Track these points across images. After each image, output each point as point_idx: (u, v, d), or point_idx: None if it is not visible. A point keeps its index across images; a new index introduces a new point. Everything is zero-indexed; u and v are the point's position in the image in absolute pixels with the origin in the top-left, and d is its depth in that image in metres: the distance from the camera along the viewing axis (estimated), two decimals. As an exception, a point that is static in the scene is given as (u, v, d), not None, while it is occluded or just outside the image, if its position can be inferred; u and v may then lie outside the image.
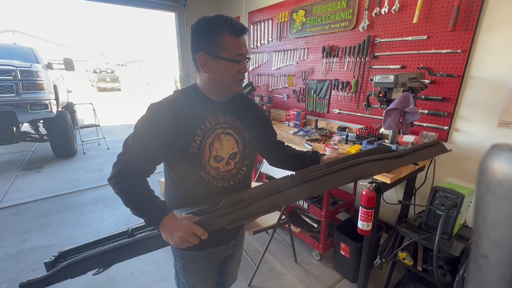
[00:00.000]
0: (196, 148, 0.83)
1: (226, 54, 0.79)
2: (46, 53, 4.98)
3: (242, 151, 0.92)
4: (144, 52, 21.94)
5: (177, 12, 3.62)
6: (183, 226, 0.72)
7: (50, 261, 0.77)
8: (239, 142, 0.91)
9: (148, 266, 1.93)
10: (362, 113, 2.17)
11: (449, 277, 1.28)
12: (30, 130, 4.39)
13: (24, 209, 2.73)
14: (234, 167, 0.91)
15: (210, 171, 0.86)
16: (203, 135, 0.84)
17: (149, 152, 0.80)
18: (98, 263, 0.76)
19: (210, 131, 0.85)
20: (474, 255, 0.19)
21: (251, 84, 2.93)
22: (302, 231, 2.09)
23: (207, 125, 0.85)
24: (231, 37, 0.79)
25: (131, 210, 0.77)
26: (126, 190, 0.78)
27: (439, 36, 1.62)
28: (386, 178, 1.36)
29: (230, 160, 0.90)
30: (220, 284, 1.22)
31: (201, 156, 0.84)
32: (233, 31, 0.78)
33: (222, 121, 0.88)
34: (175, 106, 0.83)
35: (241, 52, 0.81)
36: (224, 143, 0.88)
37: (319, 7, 2.33)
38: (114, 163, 0.79)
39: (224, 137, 0.88)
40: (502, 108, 1.43)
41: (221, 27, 0.78)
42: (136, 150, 0.79)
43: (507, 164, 0.17)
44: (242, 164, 0.93)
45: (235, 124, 0.91)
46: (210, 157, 0.86)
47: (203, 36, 0.80)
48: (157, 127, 0.79)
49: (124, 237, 0.83)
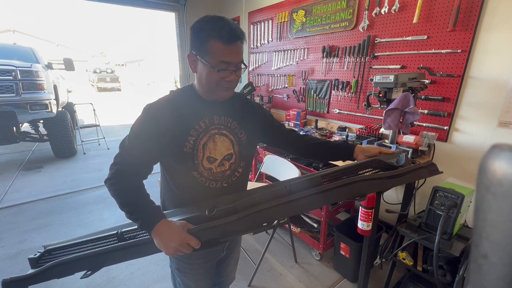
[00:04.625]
0: (190, 148, 0.83)
1: (210, 59, 0.77)
2: (46, 53, 4.98)
3: (239, 152, 0.92)
4: (144, 52, 21.98)
5: (177, 12, 3.62)
6: (176, 236, 0.71)
7: (34, 257, 0.75)
8: (234, 143, 0.91)
9: (148, 266, 1.93)
10: (362, 113, 2.17)
11: (449, 277, 1.28)
12: (30, 130, 4.39)
13: (24, 209, 2.73)
14: (228, 168, 0.90)
15: (202, 172, 0.86)
16: (197, 135, 0.84)
17: (146, 152, 0.80)
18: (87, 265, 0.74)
19: (205, 131, 0.85)
20: (474, 255, 0.19)
21: (251, 84, 2.93)
22: (302, 231, 2.09)
23: (202, 125, 0.84)
24: (217, 42, 0.75)
25: (125, 214, 0.76)
26: (121, 192, 0.77)
27: (439, 36, 1.62)
28: (386, 178, 1.36)
29: (224, 161, 0.89)
30: (218, 285, 1.22)
31: (194, 157, 0.84)
32: (220, 37, 0.74)
33: (217, 122, 0.87)
34: (171, 106, 0.82)
35: (227, 60, 0.77)
36: (218, 144, 0.87)
37: (319, 7, 2.33)
38: (111, 164, 0.79)
39: (218, 138, 0.87)
40: (502, 108, 1.43)
41: (209, 30, 0.75)
42: (132, 151, 0.78)
43: (507, 164, 0.17)
44: (238, 166, 0.93)
45: (231, 125, 0.90)
46: (203, 157, 0.85)
47: (194, 36, 0.78)
48: (153, 127, 0.79)
49: (113, 239, 0.80)
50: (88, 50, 34.63)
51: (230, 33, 0.75)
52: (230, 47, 0.76)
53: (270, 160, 2.04)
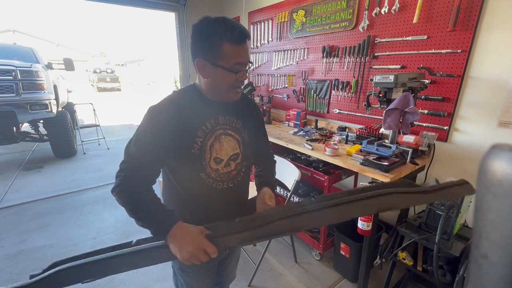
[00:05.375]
0: (198, 149, 0.82)
1: (225, 63, 0.76)
2: (46, 53, 4.98)
3: (243, 152, 0.91)
4: (144, 52, 21.96)
5: (177, 12, 3.62)
6: (194, 239, 0.66)
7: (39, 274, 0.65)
8: (240, 143, 0.90)
9: (148, 266, 1.93)
10: (362, 113, 2.17)
11: (449, 277, 1.28)
12: (30, 130, 4.39)
13: (24, 209, 2.73)
14: (234, 169, 0.90)
15: (210, 173, 0.85)
16: (204, 136, 0.83)
17: (152, 153, 0.78)
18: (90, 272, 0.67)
19: (211, 132, 0.84)
20: (474, 255, 0.19)
21: (251, 84, 2.93)
22: (302, 231, 2.09)
23: (208, 126, 0.84)
24: (230, 45, 0.74)
25: (136, 221, 0.72)
26: (131, 198, 0.74)
27: (439, 36, 1.62)
28: (386, 178, 1.36)
29: (230, 162, 0.89)
30: (219, 284, 1.22)
31: (202, 158, 0.83)
32: (232, 39, 0.74)
33: (222, 122, 0.87)
34: (175, 106, 0.81)
35: (241, 60, 0.78)
36: (224, 145, 0.87)
37: (319, 7, 2.33)
38: (117, 172, 0.76)
39: (224, 138, 0.87)
40: (502, 108, 1.43)
41: (221, 34, 0.73)
42: (138, 152, 0.77)
43: (507, 164, 0.17)
44: (242, 166, 0.93)
45: (235, 124, 0.90)
46: (211, 158, 0.85)
47: (202, 41, 0.76)
48: (158, 128, 0.78)
49: None
50: (88, 50, 34.63)
51: (240, 34, 0.75)
52: (242, 48, 0.77)
53: (270, 160, 2.04)
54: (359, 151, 1.65)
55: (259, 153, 1.04)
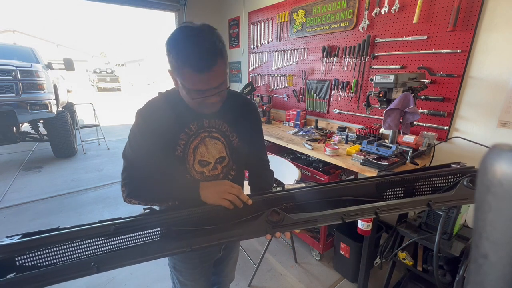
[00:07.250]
0: (181, 152, 0.82)
1: (187, 84, 0.71)
2: (46, 53, 4.98)
3: (230, 155, 0.90)
4: (144, 52, 21.97)
5: (177, 12, 3.62)
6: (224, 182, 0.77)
7: None
8: (226, 146, 0.89)
9: (148, 266, 1.93)
10: (362, 113, 2.17)
11: (449, 277, 1.28)
12: (30, 130, 4.39)
13: (24, 209, 2.73)
14: (221, 172, 0.89)
15: (195, 175, 0.85)
16: (187, 139, 0.83)
17: (148, 151, 0.80)
18: None
19: (195, 135, 0.84)
20: (474, 255, 0.19)
21: (251, 84, 2.93)
22: (302, 231, 2.09)
23: (192, 128, 0.83)
24: (190, 71, 0.68)
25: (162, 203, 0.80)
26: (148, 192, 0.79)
27: (439, 36, 1.62)
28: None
29: (217, 165, 0.88)
30: (217, 284, 1.22)
31: (185, 161, 0.83)
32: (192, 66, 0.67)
33: (206, 125, 0.85)
34: (160, 107, 0.82)
35: (200, 88, 0.71)
36: (210, 147, 0.86)
37: (319, 7, 2.33)
38: (121, 181, 0.79)
39: (209, 141, 0.86)
40: (502, 108, 1.43)
41: (183, 58, 0.67)
42: (135, 153, 0.79)
43: (507, 164, 0.17)
44: (231, 169, 0.92)
45: (221, 127, 0.88)
46: (195, 161, 0.85)
47: (170, 55, 0.70)
48: (147, 128, 0.79)
49: None
50: (88, 50, 34.65)
51: (202, 61, 0.67)
52: (203, 77, 0.69)
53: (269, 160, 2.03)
54: (359, 151, 1.65)
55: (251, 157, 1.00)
